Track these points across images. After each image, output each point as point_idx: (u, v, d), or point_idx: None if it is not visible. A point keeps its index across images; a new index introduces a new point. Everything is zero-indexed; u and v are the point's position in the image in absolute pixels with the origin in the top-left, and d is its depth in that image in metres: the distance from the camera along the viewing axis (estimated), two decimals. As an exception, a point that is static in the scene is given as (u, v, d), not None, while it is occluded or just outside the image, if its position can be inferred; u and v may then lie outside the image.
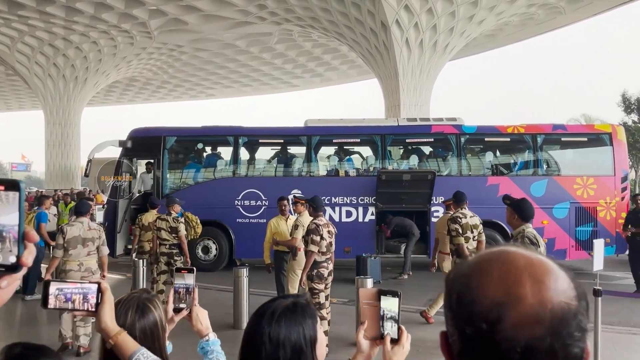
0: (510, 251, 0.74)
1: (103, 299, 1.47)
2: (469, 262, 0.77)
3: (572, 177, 11.26)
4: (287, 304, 1.41)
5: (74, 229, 6.17)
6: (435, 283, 10.35)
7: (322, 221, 6.11)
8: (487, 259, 0.75)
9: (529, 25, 26.61)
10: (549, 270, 0.71)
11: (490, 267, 0.73)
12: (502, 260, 0.73)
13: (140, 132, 12.20)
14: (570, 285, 0.71)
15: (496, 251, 0.75)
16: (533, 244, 4.17)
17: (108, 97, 45.59)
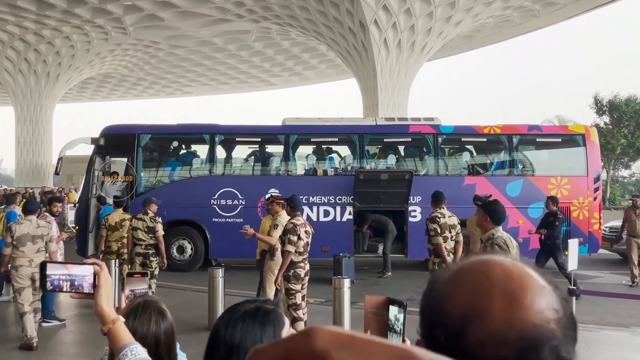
0: (491, 261, 0.67)
1: (99, 283, 1.44)
2: (448, 269, 0.70)
3: (546, 178, 11.40)
4: (250, 308, 1.36)
5: (23, 227, 6.36)
6: (412, 282, 10.37)
7: (299, 221, 6.03)
8: (464, 268, 0.68)
9: (505, 28, 26.97)
10: (528, 285, 0.63)
11: (463, 276, 0.66)
12: (478, 270, 0.66)
13: (113, 130, 11.94)
14: (551, 306, 0.63)
15: (477, 260, 0.68)
16: (502, 250, 4.01)
17: (81, 94, 44.68)
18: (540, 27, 27.19)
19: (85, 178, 11.75)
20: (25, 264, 6.28)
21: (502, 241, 4.04)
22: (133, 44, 30.51)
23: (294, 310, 5.93)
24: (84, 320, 7.68)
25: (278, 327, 1.33)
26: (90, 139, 11.73)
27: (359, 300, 8.29)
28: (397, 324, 1.43)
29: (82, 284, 1.44)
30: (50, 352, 6.15)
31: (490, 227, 4.16)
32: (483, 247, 4.18)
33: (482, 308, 0.62)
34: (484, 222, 4.19)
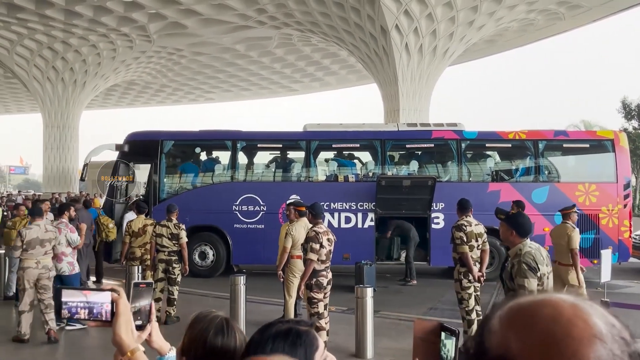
0: (553, 301, 0.60)
1: (118, 310, 1.39)
2: (498, 313, 0.63)
3: (574, 184, 11.13)
4: (282, 329, 1.28)
5: (32, 231, 6.78)
6: (435, 290, 10.22)
7: (321, 229, 5.96)
8: (522, 313, 0.60)
9: (529, 31, 26.58)
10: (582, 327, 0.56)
11: (526, 322, 0.59)
12: (525, 307, 0.60)
13: (137, 136, 12.07)
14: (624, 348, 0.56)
15: (534, 301, 0.61)
16: (531, 270, 3.77)
17: (107, 101, 45.49)
18: (565, 30, 26.74)
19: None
20: (32, 266, 6.72)
21: (530, 258, 3.80)
22: (157, 51, 30.95)
23: (317, 319, 5.86)
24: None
25: (310, 350, 1.26)
26: (115, 145, 11.87)
27: (381, 309, 8.19)
28: (448, 353, 1.33)
29: (100, 312, 1.39)
30: (75, 357, 6.19)
31: (517, 241, 3.92)
32: (511, 265, 3.94)
33: (518, 353, 0.56)
34: (510, 236, 3.96)
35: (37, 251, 6.75)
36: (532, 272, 3.78)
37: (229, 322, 1.76)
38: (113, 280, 11.00)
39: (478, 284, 6.24)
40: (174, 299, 7.77)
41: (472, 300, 6.19)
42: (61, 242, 7.33)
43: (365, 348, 6.03)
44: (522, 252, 3.85)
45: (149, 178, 11.95)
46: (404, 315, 8.23)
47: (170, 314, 7.66)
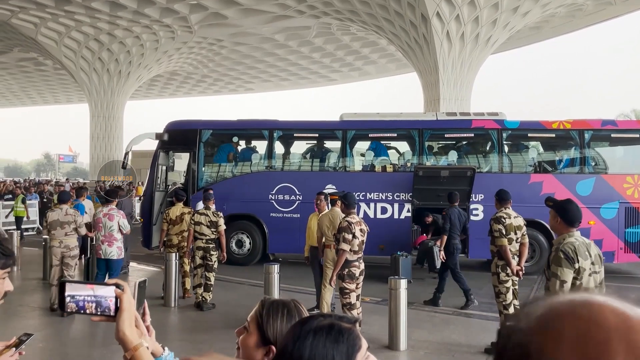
0: (595, 302, 0.51)
1: (122, 306, 1.36)
2: (533, 311, 0.55)
3: (621, 176, 10.66)
4: (323, 323, 1.22)
5: (54, 214, 7.61)
6: (472, 283, 10.01)
7: (354, 219, 5.90)
8: (560, 311, 0.52)
9: (577, 17, 25.55)
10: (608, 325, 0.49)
11: (562, 325, 0.51)
12: (581, 315, 0.50)
13: (176, 125, 12.27)
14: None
15: (574, 300, 0.53)
16: (568, 260, 3.55)
17: (150, 91, 46.55)
18: (617, 15, 25.56)
19: (149, 172, 12.14)
20: (56, 245, 7.55)
21: (570, 248, 3.59)
22: (198, 42, 31.39)
23: (349, 309, 5.83)
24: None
25: (353, 349, 1.21)
26: (155, 134, 12.11)
27: (416, 301, 8.08)
28: None
29: (108, 306, 1.36)
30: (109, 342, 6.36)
31: (564, 230, 3.70)
32: (549, 253, 3.78)
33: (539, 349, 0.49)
34: (556, 224, 3.76)
35: (58, 232, 7.50)
36: (569, 262, 3.57)
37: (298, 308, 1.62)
38: (153, 266, 11.29)
39: (516, 277, 6.05)
40: (210, 284, 7.89)
41: (510, 294, 6.02)
42: (113, 228, 7.69)
43: (399, 340, 5.96)
44: (564, 240, 3.67)
45: (188, 167, 12.14)
46: (439, 308, 8.10)
47: (206, 300, 7.78)
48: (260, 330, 1.56)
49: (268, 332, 1.55)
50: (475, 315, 7.79)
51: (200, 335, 6.68)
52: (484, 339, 6.24)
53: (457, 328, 6.96)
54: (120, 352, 1.43)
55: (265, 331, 1.55)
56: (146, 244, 11.79)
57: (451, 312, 7.88)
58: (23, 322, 7.03)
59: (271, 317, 1.58)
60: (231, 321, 6.95)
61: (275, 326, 1.55)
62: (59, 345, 6.29)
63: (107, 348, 5.94)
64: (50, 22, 28.76)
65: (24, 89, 49.01)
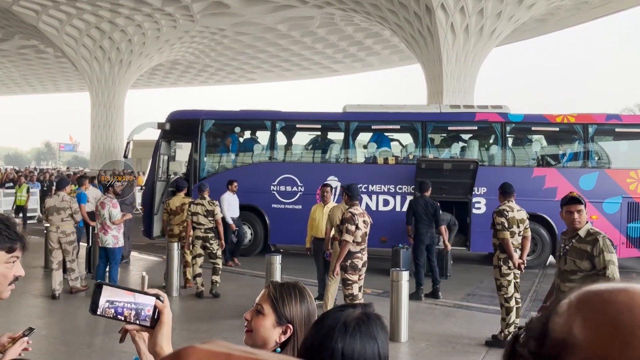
0: (632, 288, 0.51)
1: (162, 319, 1.31)
2: (571, 296, 0.55)
3: (625, 171, 10.62)
4: (359, 314, 1.22)
5: (51, 200, 7.98)
6: (474, 276, 10.02)
7: (357, 210, 5.88)
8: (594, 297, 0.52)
9: (583, 10, 25.36)
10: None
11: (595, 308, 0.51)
12: (626, 304, 0.50)
13: (178, 115, 12.23)
14: None
15: (611, 287, 0.53)
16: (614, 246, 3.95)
17: (151, 80, 46.40)
18: (623, 8, 25.36)
19: (151, 162, 12.12)
20: (53, 230, 7.86)
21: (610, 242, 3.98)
22: (200, 31, 31.22)
23: (350, 300, 5.82)
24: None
25: (387, 334, 1.23)
26: (157, 123, 12.07)
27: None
28: None
29: (147, 316, 1.30)
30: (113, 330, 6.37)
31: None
32: (590, 243, 3.99)
33: (582, 337, 0.49)
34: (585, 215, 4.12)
35: (54, 218, 7.80)
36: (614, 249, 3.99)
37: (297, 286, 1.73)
38: (155, 256, 11.29)
39: (518, 271, 6.04)
40: (219, 268, 8.00)
41: (512, 287, 6.01)
42: (105, 217, 7.80)
43: (400, 331, 5.96)
44: (596, 230, 4.03)
45: (190, 156, 12.12)
46: (440, 300, 8.11)
47: (216, 283, 7.88)
48: (276, 311, 1.62)
49: (286, 312, 1.60)
50: (476, 308, 7.80)
51: (202, 325, 6.69)
52: (484, 331, 6.25)
53: (458, 320, 6.97)
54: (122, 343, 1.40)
55: (282, 311, 1.61)
56: (147, 234, 11.79)
57: (452, 305, 7.88)
58: (25, 310, 7.05)
59: (285, 298, 1.64)
60: (232, 311, 6.96)
61: (292, 306, 1.62)
62: (61, 333, 6.30)
63: (109, 336, 5.95)
64: (51, 10, 28.59)
65: (25, 76, 48.85)
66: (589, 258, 3.94)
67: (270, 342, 1.60)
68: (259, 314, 1.63)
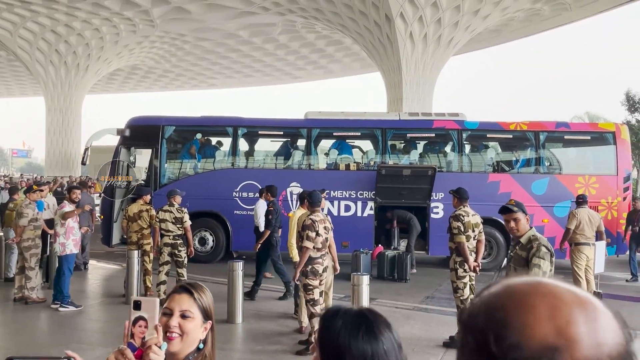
0: (548, 283, 0.63)
1: None
2: (496, 293, 0.64)
3: (574, 176, 11.13)
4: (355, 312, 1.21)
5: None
6: (432, 279, 10.27)
7: (318, 217, 5.98)
8: (523, 291, 0.62)
9: (535, 21, 26.37)
10: (598, 307, 0.61)
11: (532, 301, 0.60)
12: (544, 293, 0.61)
13: (138, 121, 12.08)
14: (618, 325, 0.60)
15: (530, 282, 0.63)
16: (551, 254, 4.05)
17: (110, 85, 45.42)
18: (572, 21, 26.51)
19: (110, 168, 11.91)
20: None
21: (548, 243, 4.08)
22: (160, 36, 30.84)
23: (312, 306, 5.91)
24: (102, 309, 7.82)
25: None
26: (116, 129, 11.89)
27: (378, 297, 8.24)
28: None
29: None
30: (71, 339, 6.26)
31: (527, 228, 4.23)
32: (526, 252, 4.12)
33: (570, 336, 0.57)
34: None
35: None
36: (550, 256, 4.05)
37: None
38: (114, 264, 11.08)
39: (473, 273, 6.27)
40: (183, 279, 7.88)
41: (467, 289, 6.22)
42: (56, 222, 7.66)
43: (361, 335, 6.07)
44: (537, 237, 4.13)
45: (150, 163, 11.98)
46: (400, 303, 8.29)
47: None
48: (202, 311, 1.72)
49: (207, 311, 1.75)
50: (434, 311, 8.01)
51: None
52: (442, 333, 6.44)
53: (417, 323, 7.15)
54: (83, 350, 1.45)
55: (206, 311, 1.74)
56: (106, 242, 11.58)
57: (411, 308, 8.07)
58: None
59: (205, 298, 1.76)
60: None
61: (209, 304, 1.76)
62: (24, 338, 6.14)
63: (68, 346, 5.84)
64: (4, 13, 27.70)
65: (-25, 80, 47.08)
66: (526, 264, 4.08)
67: (197, 340, 1.68)
68: (187, 317, 1.66)
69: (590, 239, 8.19)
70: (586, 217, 8.24)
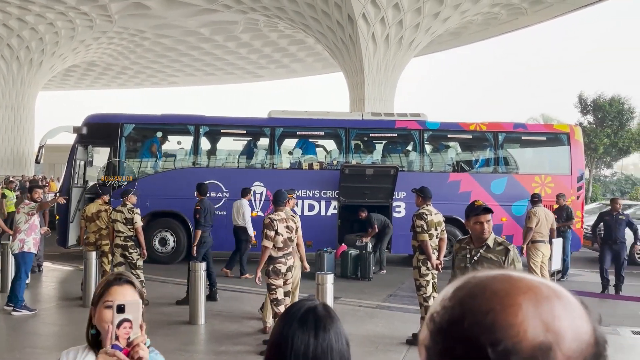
0: (522, 277, 0.62)
1: None
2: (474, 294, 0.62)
3: (531, 176, 11.46)
4: (313, 305, 1.26)
5: None
6: (395, 277, 10.38)
7: (278, 216, 5.94)
8: (504, 290, 0.60)
9: (492, 25, 27.03)
10: (570, 297, 0.61)
11: (516, 299, 0.59)
12: (525, 289, 0.60)
13: (96, 119, 11.74)
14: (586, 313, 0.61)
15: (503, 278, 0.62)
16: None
17: (65, 82, 43.97)
18: (527, 25, 27.30)
19: (66, 167, 11.54)
20: None
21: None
22: (118, 32, 30.05)
23: (275, 305, 5.87)
24: (58, 312, 7.56)
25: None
26: (72, 127, 11.52)
27: (342, 296, 8.27)
28: None
29: None
30: (25, 344, 6.02)
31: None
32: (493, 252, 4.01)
33: (557, 330, 0.57)
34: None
35: None
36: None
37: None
38: (70, 266, 10.73)
39: (436, 271, 6.37)
40: (141, 281, 7.68)
41: (430, 287, 6.31)
42: (20, 221, 7.35)
43: (325, 334, 6.07)
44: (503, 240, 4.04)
45: (108, 162, 11.66)
46: (363, 302, 8.34)
47: None
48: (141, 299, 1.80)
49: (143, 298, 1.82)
50: (397, 309, 8.09)
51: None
52: (405, 330, 6.51)
53: (380, 321, 7.21)
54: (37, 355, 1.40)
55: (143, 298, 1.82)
56: (62, 243, 11.21)
57: (375, 306, 8.14)
58: None
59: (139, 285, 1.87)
60: (155, 320, 6.78)
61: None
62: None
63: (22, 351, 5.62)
64: (-49, 3, 26.46)
65: None
66: (500, 267, 4.14)
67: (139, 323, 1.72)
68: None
69: (546, 236, 8.46)
70: (543, 215, 8.50)
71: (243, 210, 10.06)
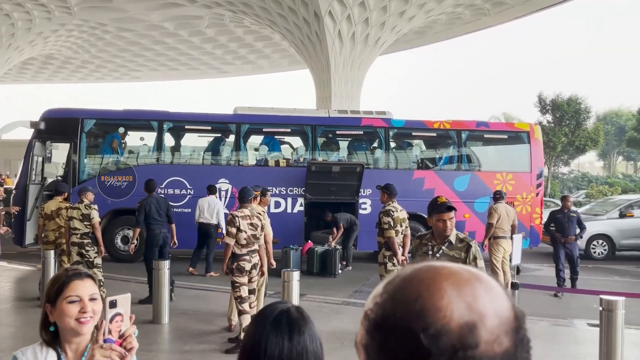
0: (444, 265, 0.66)
1: None
2: (401, 287, 0.65)
3: (493, 173, 11.72)
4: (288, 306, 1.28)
5: None
6: (360, 274, 10.46)
7: (242, 212, 5.90)
8: (428, 277, 0.64)
9: (456, 25, 27.49)
10: (490, 280, 0.66)
11: (440, 284, 0.63)
12: (447, 275, 0.64)
13: (55, 113, 11.38)
14: (504, 293, 0.66)
15: (427, 268, 0.66)
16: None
17: (22, 75, 42.49)
18: (490, 25, 27.89)
19: (23, 163, 11.15)
20: None
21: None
22: (78, 24, 29.20)
23: (240, 303, 5.83)
24: (14, 313, 7.32)
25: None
26: (30, 122, 11.14)
27: (307, 292, 8.29)
28: None
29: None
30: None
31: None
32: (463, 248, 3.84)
33: (479, 309, 0.61)
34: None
35: None
36: None
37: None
38: (27, 265, 10.39)
39: (401, 267, 6.44)
40: (99, 280, 7.47)
41: (395, 283, 6.39)
42: None
43: (291, 331, 6.06)
44: (464, 236, 3.88)
45: (68, 158, 11.33)
46: (329, 298, 8.37)
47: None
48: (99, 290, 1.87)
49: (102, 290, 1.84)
50: (362, 304, 8.10)
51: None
52: (371, 326, 6.56)
53: (346, 317, 7.25)
54: None
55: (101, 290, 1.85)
56: (18, 242, 10.84)
57: (340, 302, 8.18)
58: None
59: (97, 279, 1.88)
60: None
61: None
62: None
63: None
64: None
65: None
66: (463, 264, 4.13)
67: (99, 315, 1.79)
68: (95, 300, 1.80)
69: (507, 232, 8.66)
70: (504, 211, 8.70)
71: (218, 207, 9.96)
